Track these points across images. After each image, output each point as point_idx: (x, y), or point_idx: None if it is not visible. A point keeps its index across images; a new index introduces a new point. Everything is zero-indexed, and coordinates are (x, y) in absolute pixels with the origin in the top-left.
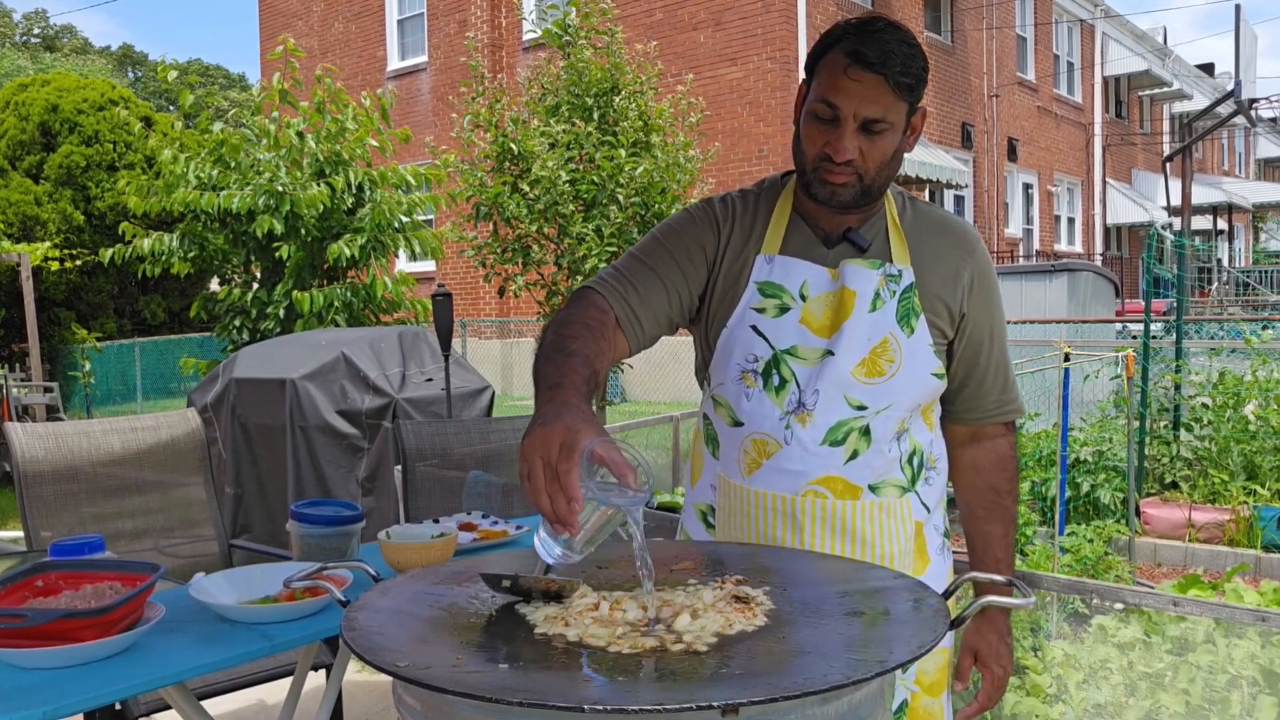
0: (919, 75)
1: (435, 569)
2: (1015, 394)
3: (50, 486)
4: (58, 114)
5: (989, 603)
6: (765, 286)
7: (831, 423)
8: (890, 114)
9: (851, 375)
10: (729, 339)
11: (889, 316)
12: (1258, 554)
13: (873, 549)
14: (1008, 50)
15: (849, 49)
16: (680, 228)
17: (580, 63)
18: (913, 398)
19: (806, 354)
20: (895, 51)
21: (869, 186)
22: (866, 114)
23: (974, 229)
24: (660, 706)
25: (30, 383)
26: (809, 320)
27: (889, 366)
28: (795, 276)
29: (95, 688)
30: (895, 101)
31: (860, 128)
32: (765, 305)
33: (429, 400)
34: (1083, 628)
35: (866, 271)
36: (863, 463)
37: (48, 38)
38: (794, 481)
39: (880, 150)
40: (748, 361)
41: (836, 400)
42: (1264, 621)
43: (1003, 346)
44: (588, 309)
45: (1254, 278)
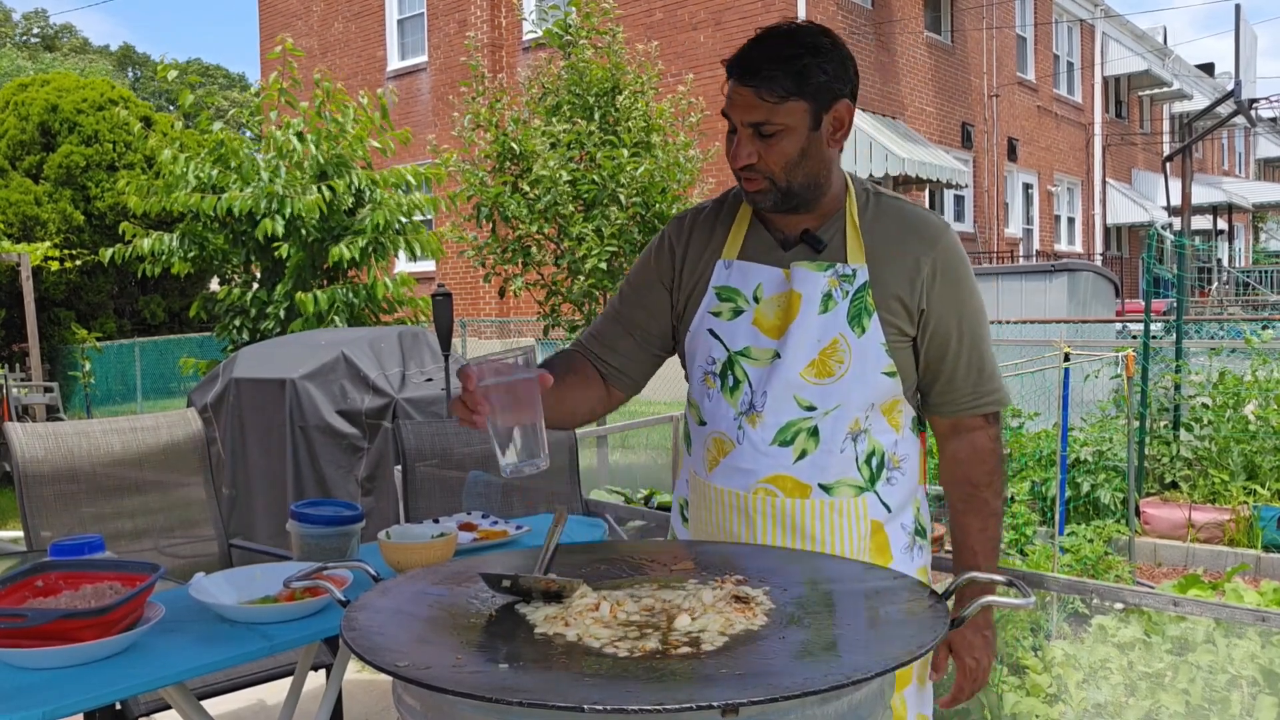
0: (801, 74)
1: (435, 569)
2: (994, 385)
3: (50, 486)
4: (57, 114)
5: (988, 603)
6: (722, 291)
7: (781, 423)
8: (776, 117)
9: (800, 377)
10: (691, 342)
11: (840, 318)
12: (1258, 554)
13: (823, 546)
14: (1008, 50)
15: (730, 66)
16: (638, 270)
17: (581, 63)
18: (863, 397)
19: (758, 355)
20: (768, 59)
21: (786, 188)
22: (751, 119)
23: (940, 220)
24: (660, 706)
25: (30, 383)
26: (761, 322)
27: (838, 367)
28: (751, 279)
29: (95, 688)
30: (776, 105)
31: (755, 134)
32: (721, 309)
33: (429, 400)
34: (1083, 628)
35: (814, 274)
36: (811, 462)
37: (47, 37)
38: (746, 479)
39: (779, 152)
40: (708, 364)
41: (785, 401)
42: (1264, 621)
43: (976, 338)
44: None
45: (1254, 278)
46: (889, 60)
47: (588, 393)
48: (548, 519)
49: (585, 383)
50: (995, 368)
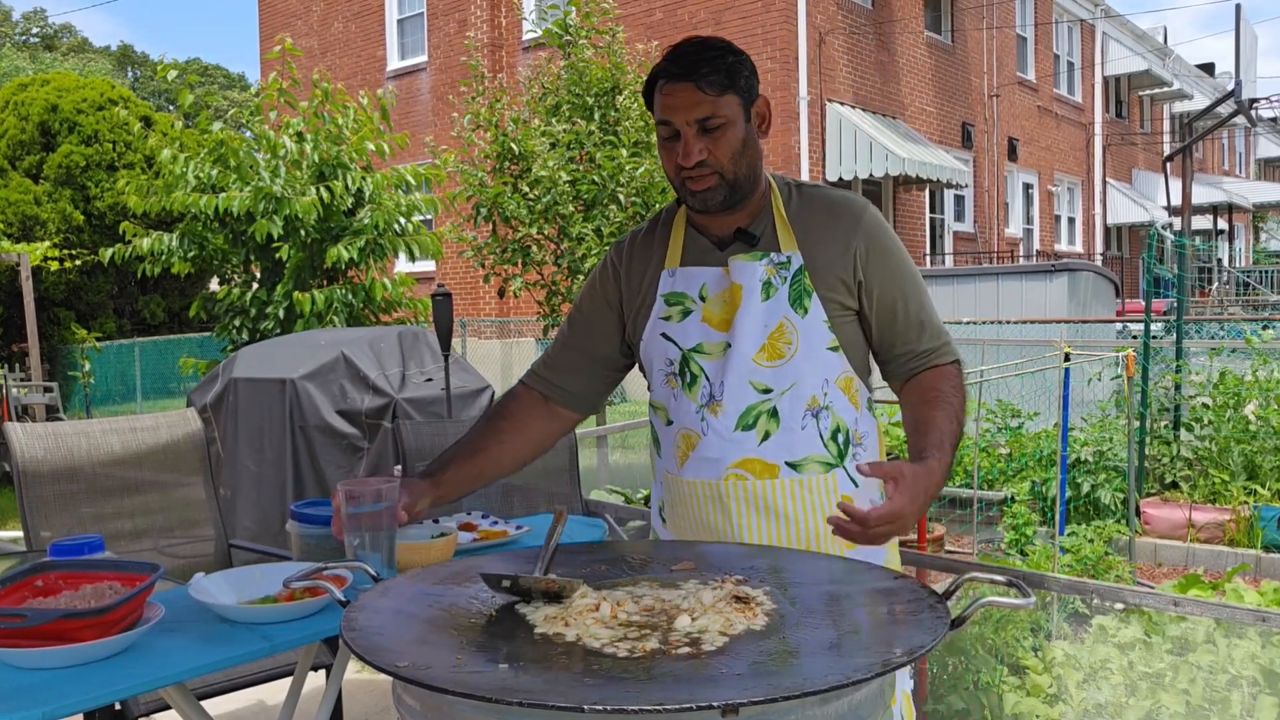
0: (731, 70)
1: (435, 569)
2: (944, 339)
3: (50, 486)
4: (57, 114)
5: (989, 603)
6: (669, 296)
7: (741, 409)
8: (719, 109)
9: (753, 362)
10: (647, 350)
11: (782, 302)
12: (1258, 554)
13: (797, 524)
14: (1008, 50)
15: (660, 72)
16: (585, 297)
17: (581, 63)
18: (815, 374)
19: (711, 349)
20: (699, 57)
21: (734, 181)
22: (695, 116)
23: (860, 199)
24: (660, 706)
25: (30, 383)
26: (709, 318)
27: (787, 349)
28: (695, 282)
29: (95, 688)
30: (717, 98)
31: (699, 131)
32: (671, 313)
33: (429, 400)
34: (1083, 628)
35: (750, 264)
36: (776, 442)
37: (46, 37)
38: (715, 468)
39: (727, 144)
40: (666, 365)
41: (742, 387)
42: (1264, 621)
43: (918, 299)
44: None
45: (1254, 277)
46: (889, 60)
47: (524, 436)
48: (548, 519)
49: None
50: (941, 325)
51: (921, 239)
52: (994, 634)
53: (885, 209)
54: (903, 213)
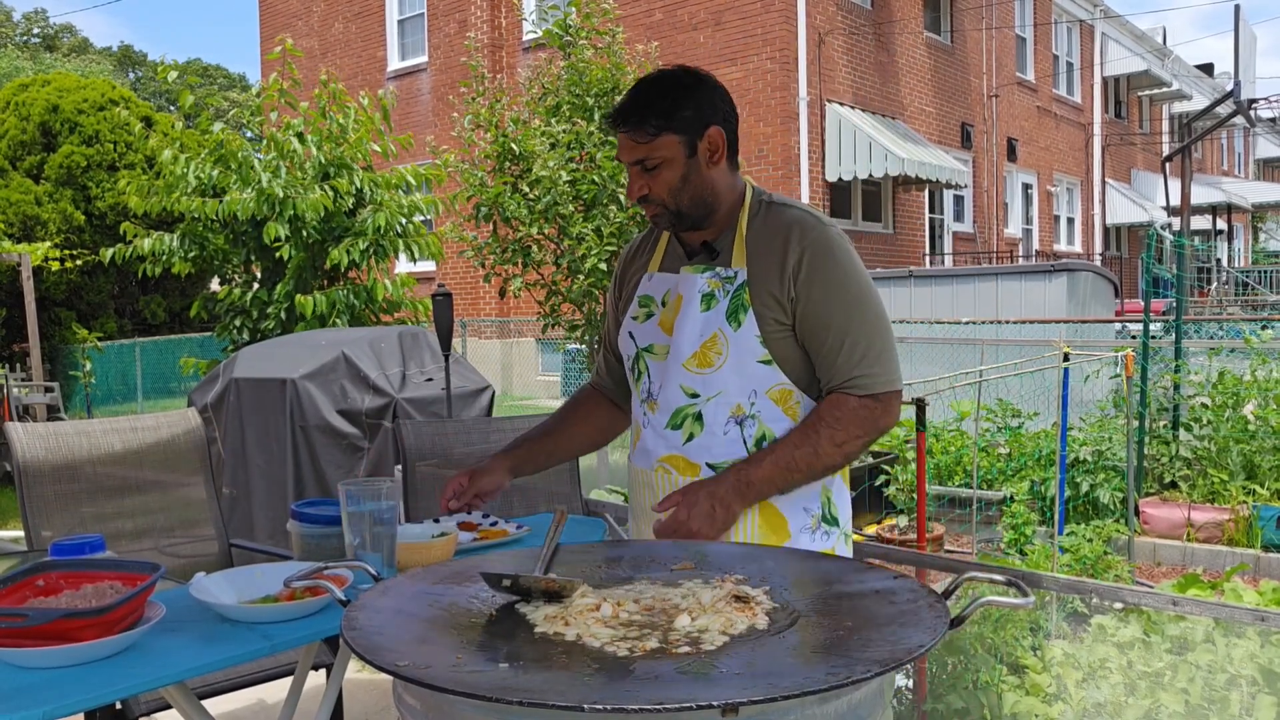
0: (665, 113)
1: (435, 569)
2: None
3: (51, 486)
4: (58, 114)
5: (988, 602)
6: (642, 299)
7: (672, 409)
8: (654, 151)
9: (683, 367)
10: (621, 347)
11: (719, 314)
12: (1257, 554)
13: None
14: (1007, 50)
15: (607, 119)
16: (607, 300)
17: (581, 63)
18: (741, 385)
19: (658, 350)
20: (635, 105)
21: (679, 210)
22: (632, 158)
23: (816, 219)
24: (660, 706)
25: (31, 382)
26: (664, 323)
27: (716, 359)
28: (661, 286)
29: (95, 687)
30: (650, 141)
31: (640, 169)
32: (639, 314)
33: (429, 400)
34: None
35: (693, 276)
36: (699, 444)
37: (47, 37)
38: (649, 459)
39: (663, 181)
40: (628, 361)
41: (674, 389)
42: (1263, 621)
43: (848, 327)
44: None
45: (1253, 278)
46: (889, 60)
47: (594, 422)
48: (548, 519)
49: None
50: (885, 355)
51: (921, 239)
52: (993, 633)
53: (885, 209)
54: (902, 213)
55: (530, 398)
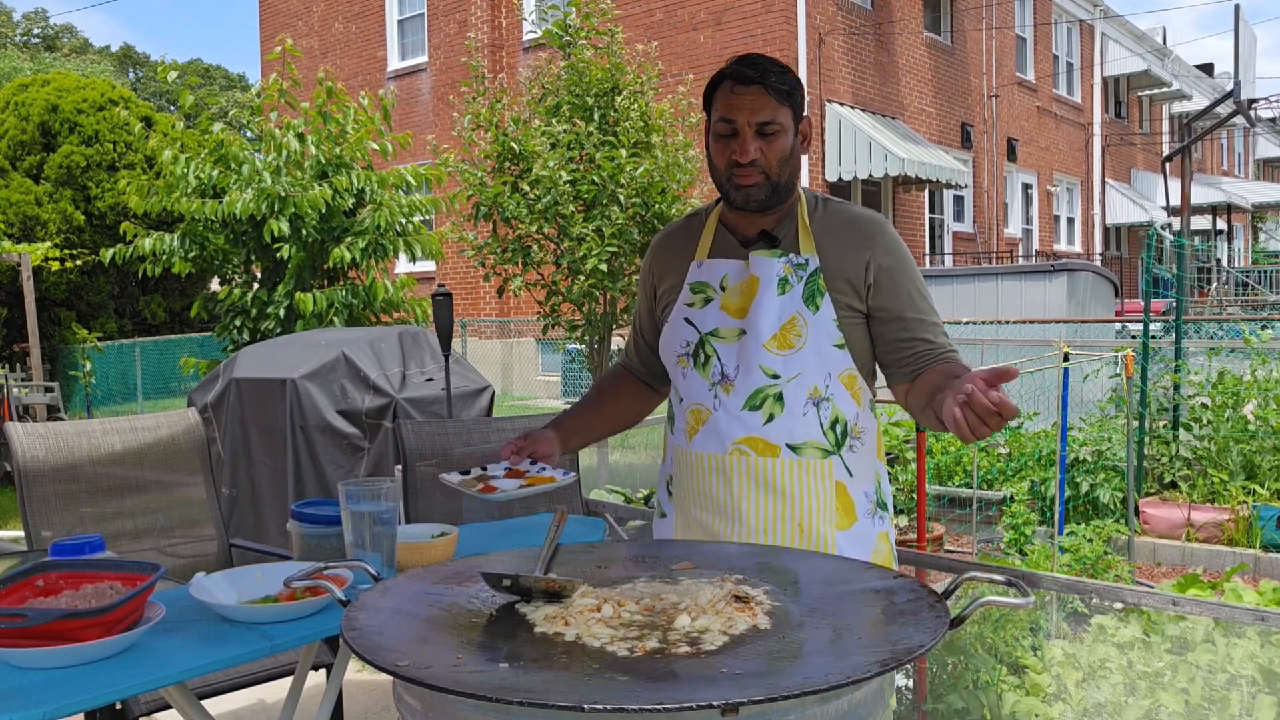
0: (794, 86)
1: (435, 569)
2: (949, 347)
3: (51, 486)
4: (58, 114)
5: (988, 602)
6: (695, 285)
7: (750, 390)
8: (778, 117)
9: (764, 348)
10: (667, 334)
11: (796, 298)
12: (1257, 554)
13: (792, 501)
14: (1007, 50)
15: (732, 74)
16: (639, 288)
17: (581, 63)
18: (819, 366)
19: (726, 334)
20: (769, 67)
21: (776, 183)
22: (758, 119)
23: (879, 218)
24: (660, 706)
25: (31, 383)
26: (728, 306)
27: (796, 340)
28: (717, 272)
29: (95, 688)
30: (779, 106)
31: (756, 133)
32: (694, 300)
33: (429, 400)
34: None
35: (769, 260)
36: (779, 425)
37: (47, 38)
38: (722, 442)
39: (778, 149)
40: (681, 347)
41: (753, 370)
42: (1263, 621)
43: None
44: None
45: (1253, 277)
46: (889, 60)
47: (628, 400)
48: (548, 519)
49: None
50: (946, 334)
51: (921, 239)
52: (993, 633)
53: (884, 209)
54: (902, 213)
55: (530, 398)
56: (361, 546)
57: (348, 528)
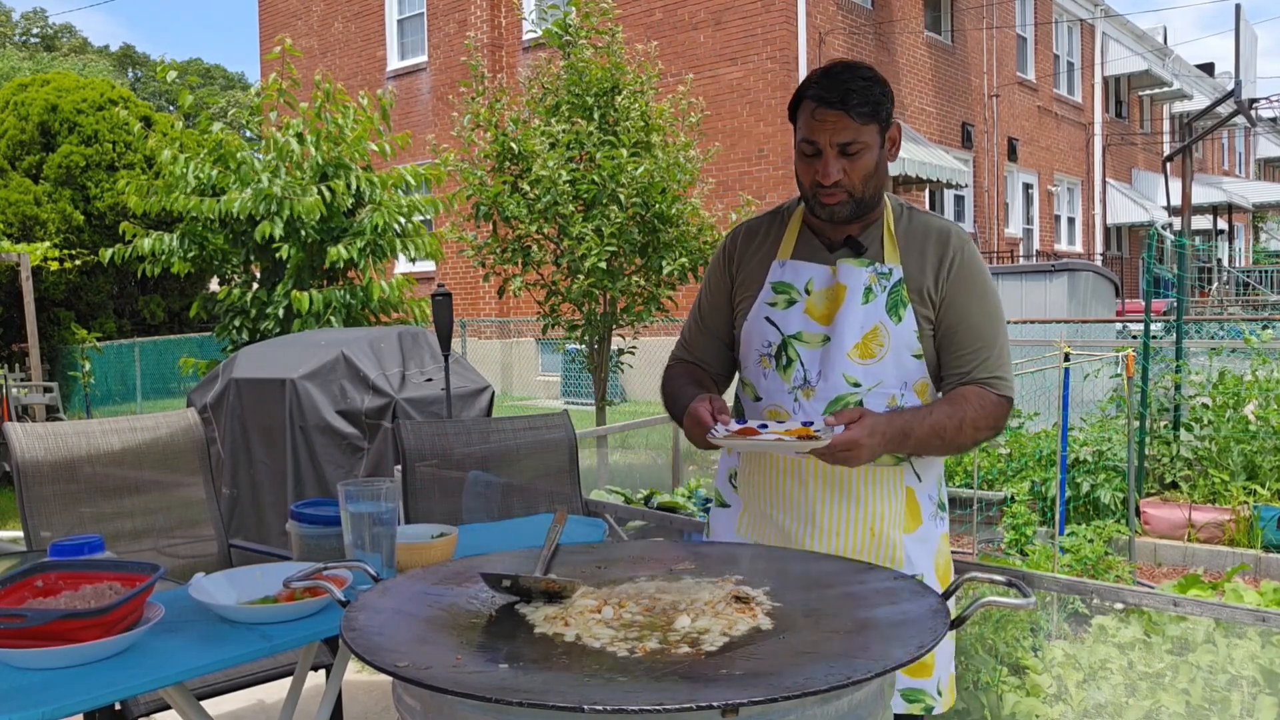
0: (878, 101)
1: (435, 569)
2: (1002, 375)
3: (50, 486)
4: (57, 114)
5: (989, 603)
6: (778, 285)
7: (831, 396)
8: (861, 136)
9: (847, 356)
10: (749, 330)
11: (879, 308)
12: (1258, 554)
13: (867, 505)
14: (1008, 50)
15: (814, 95)
16: (710, 281)
17: (580, 62)
18: (898, 377)
19: (809, 339)
20: (852, 88)
21: (860, 199)
22: (840, 140)
23: (960, 229)
24: (660, 706)
25: (30, 383)
26: (812, 311)
27: (879, 350)
28: (802, 275)
29: (95, 688)
30: (862, 126)
31: (839, 153)
32: (777, 300)
33: (429, 400)
34: (1083, 628)
35: (857, 269)
36: None
37: (47, 37)
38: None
39: (861, 167)
40: (764, 346)
41: (835, 378)
42: (1264, 621)
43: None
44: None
45: (1254, 277)
46: (889, 60)
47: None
48: (548, 519)
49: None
50: (1007, 364)
51: None
52: (994, 634)
53: None
54: None
55: (530, 398)
56: (361, 547)
57: (347, 528)
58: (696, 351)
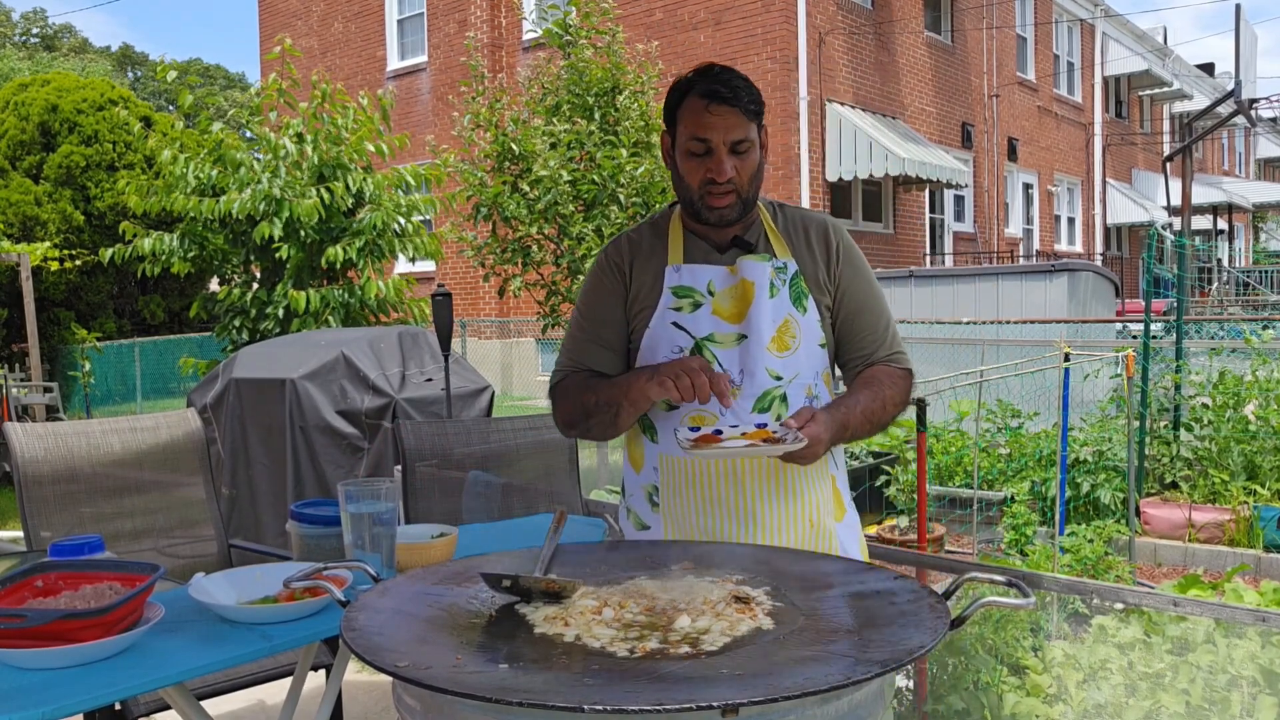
0: (760, 100)
1: (435, 569)
2: (901, 350)
3: (50, 487)
4: (57, 114)
5: (989, 603)
6: (678, 290)
7: (758, 392)
8: (750, 134)
9: (767, 351)
10: (653, 337)
11: (785, 301)
12: (1258, 554)
13: (802, 498)
14: (1008, 50)
15: (705, 91)
16: (592, 294)
17: (581, 63)
18: (812, 366)
19: (723, 339)
20: (740, 86)
21: (746, 199)
22: (732, 138)
23: (832, 218)
24: (660, 706)
25: (30, 383)
26: (720, 311)
27: (792, 342)
28: (700, 278)
29: (95, 688)
30: (750, 124)
31: (730, 151)
32: (681, 304)
33: (429, 400)
34: (1083, 628)
35: (759, 264)
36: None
37: (47, 37)
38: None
39: (749, 166)
40: (673, 352)
41: (760, 374)
42: (1264, 621)
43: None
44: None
45: (1254, 277)
46: (889, 60)
47: None
48: (548, 519)
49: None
50: (899, 338)
51: (921, 239)
52: (994, 634)
53: (885, 209)
54: (902, 213)
55: (530, 398)
56: (361, 547)
57: (347, 528)
58: (587, 362)
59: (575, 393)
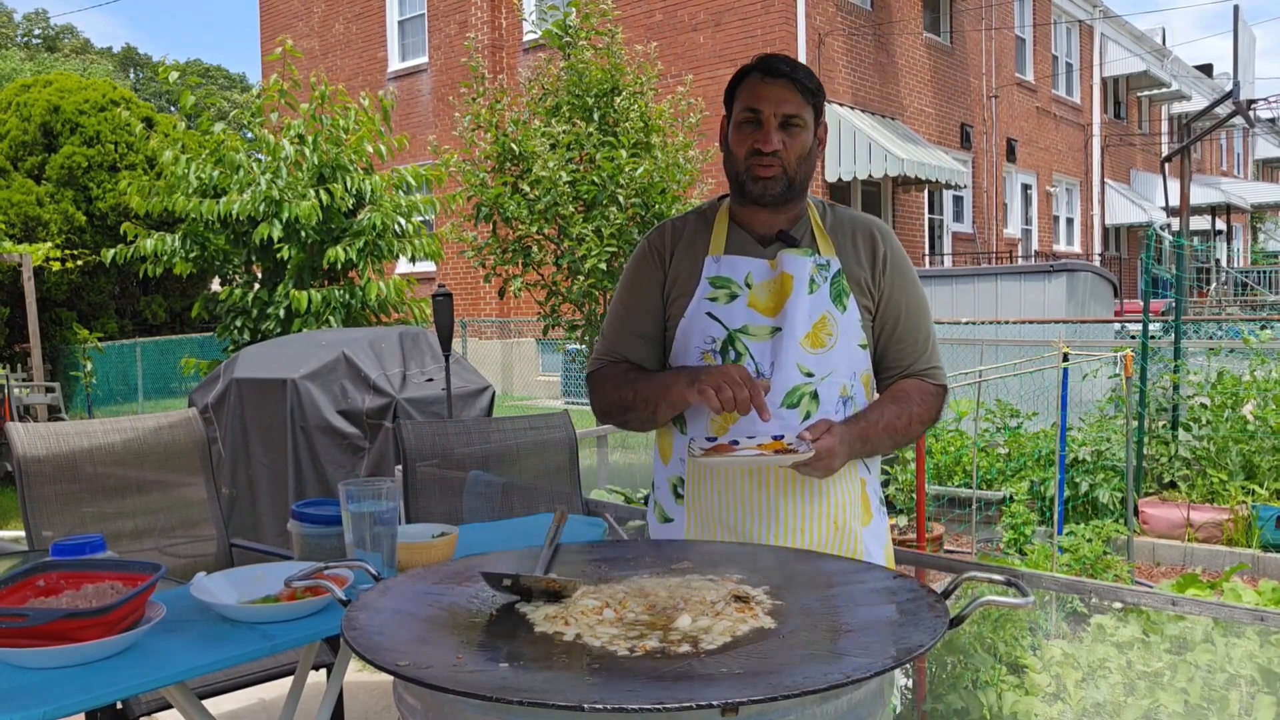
0: (817, 87)
1: (435, 569)
2: (938, 365)
3: (51, 486)
4: (59, 115)
5: (988, 602)
6: (715, 280)
7: (788, 387)
8: (803, 113)
9: (800, 346)
10: (686, 327)
11: (824, 298)
12: (1256, 553)
13: (828, 499)
14: (1006, 51)
15: (761, 66)
16: (632, 281)
17: (580, 64)
18: (849, 366)
19: (756, 331)
20: (799, 66)
21: (793, 180)
22: (784, 111)
23: (882, 222)
24: (660, 706)
25: (32, 383)
26: (755, 304)
27: (828, 339)
28: (740, 269)
29: (96, 688)
30: (804, 103)
31: (780, 125)
32: (717, 295)
33: (429, 400)
34: (1081, 627)
35: (800, 259)
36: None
37: (48, 38)
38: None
39: (799, 144)
40: (706, 343)
41: (790, 368)
42: (1262, 621)
43: (921, 324)
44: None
45: (1252, 278)
46: (888, 61)
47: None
48: (548, 519)
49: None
50: (937, 352)
51: (920, 239)
52: (993, 633)
53: (884, 209)
54: (901, 213)
55: (530, 398)
56: (362, 546)
57: (348, 528)
58: (624, 352)
59: (613, 385)
